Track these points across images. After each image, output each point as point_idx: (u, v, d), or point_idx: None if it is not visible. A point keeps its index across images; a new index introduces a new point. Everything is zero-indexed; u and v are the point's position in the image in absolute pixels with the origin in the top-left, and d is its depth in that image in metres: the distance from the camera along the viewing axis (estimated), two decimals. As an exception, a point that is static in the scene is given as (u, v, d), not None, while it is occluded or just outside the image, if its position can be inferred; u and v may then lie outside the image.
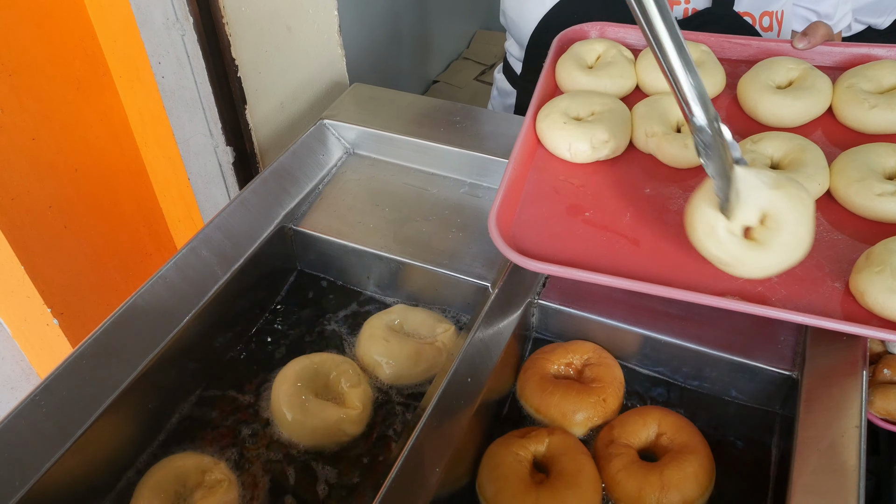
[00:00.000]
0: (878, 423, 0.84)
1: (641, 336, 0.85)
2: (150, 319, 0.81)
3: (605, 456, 0.77)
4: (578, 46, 0.97)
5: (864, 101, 0.86)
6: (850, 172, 0.78)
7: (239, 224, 0.93)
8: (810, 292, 0.70)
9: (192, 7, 0.93)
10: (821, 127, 0.89)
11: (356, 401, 0.81)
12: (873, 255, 0.69)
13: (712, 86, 0.93)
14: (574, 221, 0.78)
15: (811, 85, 0.88)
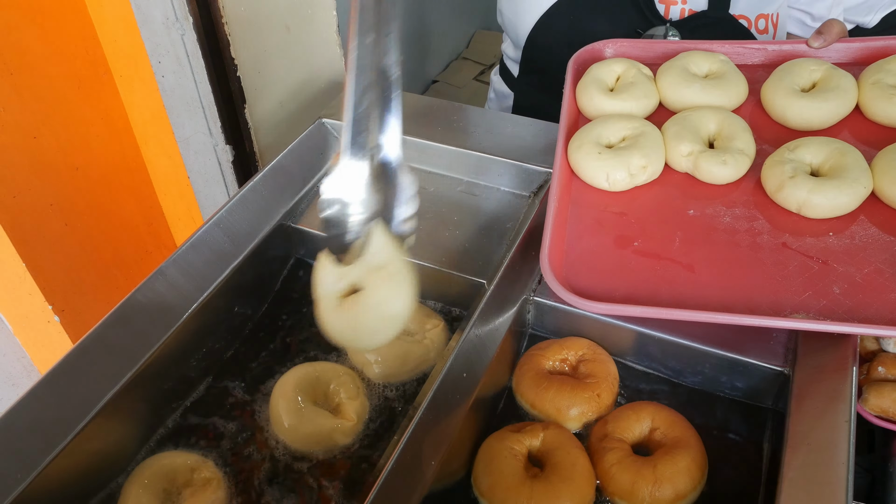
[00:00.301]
0: (873, 421, 0.85)
1: (635, 333, 0.86)
2: (149, 315, 0.82)
3: (599, 450, 0.78)
4: (596, 69, 0.97)
5: (892, 95, 0.87)
6: (895, 172, 0.78)
7: (239, 221, 0.94)
8: (875, 300, 0.70)
9: (191, 7, 0.94)
10: (848, 126, 0.90)
11: (352, 413, 0.82)
12: None
13: (736, 95, 0.94)
14: (624, 253, 0.78)
15: (837, 85, 0.89)
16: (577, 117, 0.96)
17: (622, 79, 0.96)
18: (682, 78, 0.93)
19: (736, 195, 0.83)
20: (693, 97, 0.92)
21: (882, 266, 0.72)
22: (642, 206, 0.83)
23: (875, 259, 0.73)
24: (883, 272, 0.72)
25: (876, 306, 0.69)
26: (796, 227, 0.78)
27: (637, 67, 0.97)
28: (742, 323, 0.67)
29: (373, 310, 0.69)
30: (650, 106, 0.94)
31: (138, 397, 0.80)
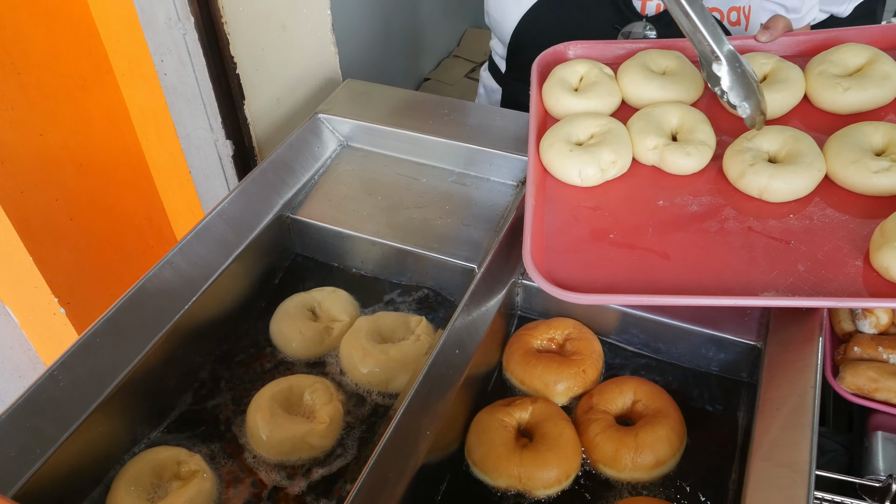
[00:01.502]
0: (849, 398, 0.88)
1: (619, 312, 0.91)
2: (157, 302, 0.87)
3: (585, 421, 0.83)
4: (561, 70, 1.02)
5: (837, 84, 0.93)
6: (845, 155, 0.84)
7: (240, 212, 0.99)
8: (837, 275, 0.75)
9: (192, 7, 0.98)
10: (798, 115, 0.95)
11: (325, 416, 0.84)
12: (887, 230, 0.74)
13: (694, 89, 0.98)
14: (601, 245, 0.83)
15: (786, 77, 0.95)
16: (544, 117, 1.00)
17: (585, 79, 1.01)
18: (642, 75, 0.98)
19: (701, 184, 0.88)
20: (654, 93, 0.97)
21: (840, 243, 0.77)
22: (614, 200, 0.88)
23: (833, 237, 0.78)
24: (841, 248, 0.77)
25: (838, 280, 0.74)
26: (759, 212, 0.83)
27: (599, 67, 1.01)
28: (716, 304, 0.72)
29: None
30: (614, 104, 0.99)
31: (143, 386, 0.83)
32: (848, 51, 0.96)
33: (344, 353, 0.92)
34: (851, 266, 0.75)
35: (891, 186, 0.80)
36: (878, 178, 0.81)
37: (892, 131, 0.84)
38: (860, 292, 0.72)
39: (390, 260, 1.01)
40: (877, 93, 0.91)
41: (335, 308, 0.97)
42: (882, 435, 0.84)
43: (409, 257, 0.99)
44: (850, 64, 0.96)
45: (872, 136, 0.85)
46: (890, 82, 0.92)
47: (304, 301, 0.98)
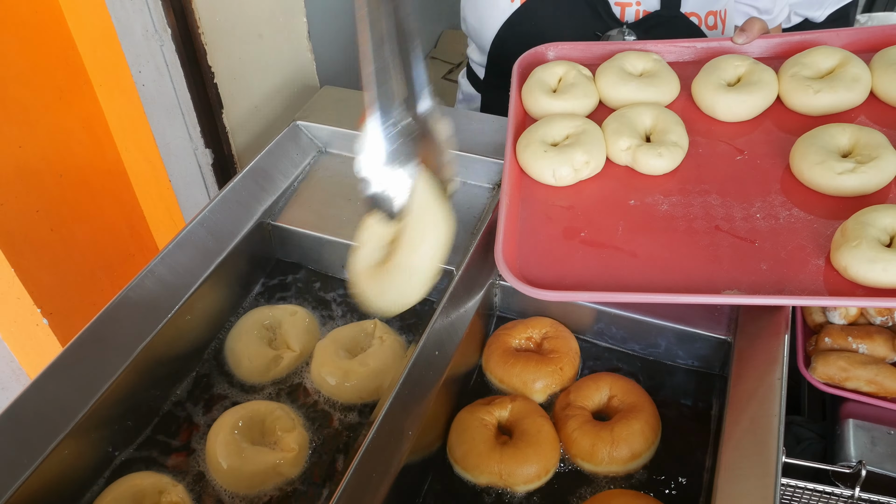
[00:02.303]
0: (821, 388, 0.91)
1: (594, 311, 0.93)
2: (139, 312, 0.88)
3: (563, 418, 0.85)
4: (540, 71, 1.04)
5: (808, 87, 0.95)
6: (811, 156, 0.86)
7: (220, 221, 1.00)
8: (798, 274, 0.77)
9: (169, 19, 0.99)
10: (771, 116, 0.98)
11: (292, 443, 0.82)
12: (847, 230, 0.76)
13: (669, 91, 1.01)
14: (572, 244, 0.85)
15: (759, 79, 0.97)
16: (523, 118, 1.02)
17: (564, 80, 1.03)
18: (619, 77, 1.00)
19: (672, 184, 0.90)
20: (630, 95, 1.00)
21: (804, 242, 0.80)
22: (587, 199, 0.90)
23: (798, 236, 0.81)
24: (805, 248, 0.79)
25: (799, 279, 0.76)
26: (727, 213, 0.86)
27: (577, 69, 1.04)
28: (681, 301, 0.75)
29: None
30: (591, 105, 1.01)
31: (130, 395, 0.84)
32: (820, 53, 0.98)
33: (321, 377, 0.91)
34: (813, 265, 0.77)
35: (854, 187, 0.83)
36: (843, 179, 0.83)
37: (858, 133, 0.87)
38: (820, 290, 0.75)
39: (370, 264, 1.03)
40: (846, 95, 0.94)
41: (291, 334, 0.95)
42: (853, 422, 0.86)
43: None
44: (821, 66, 0.98)
45: (839, 138, 0.87)
46: (860, 85, 0.94)
47: (263, 318, 0.97)
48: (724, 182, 0.90)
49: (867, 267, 0.73)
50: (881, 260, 0.73)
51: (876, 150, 0.84)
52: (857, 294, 0.75)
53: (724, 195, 0.88)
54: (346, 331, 0.95)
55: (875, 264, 0.73)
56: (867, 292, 0.74)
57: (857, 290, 0.75)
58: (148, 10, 0.98)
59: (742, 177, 0.90)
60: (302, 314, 0.97)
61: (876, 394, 0.86)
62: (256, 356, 0.92)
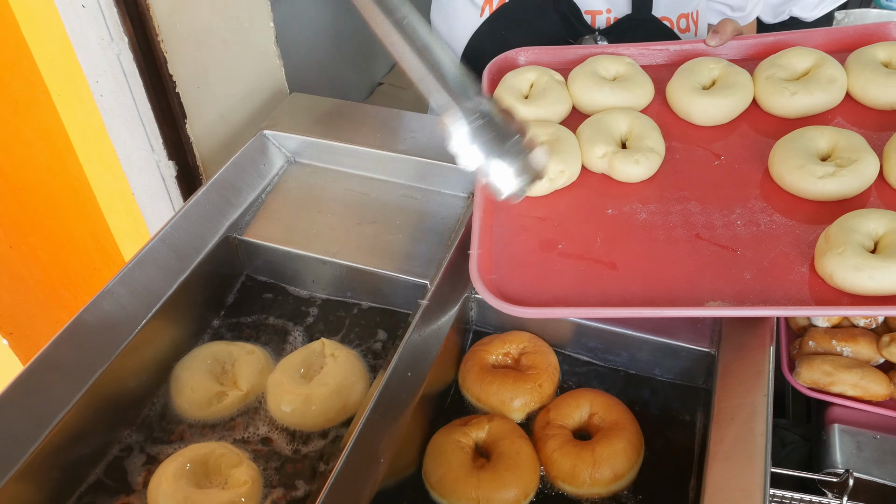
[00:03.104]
0: (805, 392, 0.89)
1: (574, 324, 0.90)
2: (97, 335, 0.84)
3: (542, 437, 0.82)
4: (511, 77, 1.00)
5: (784, 89, 0.93)
6: (790, 160, 0.84)
7: (184, 236, 0.96)
8: (782, 282, 0.75)
9: (126, 27, 0.95)
10: (747, 118, 0.96)
11: (242, 477, 0.79)
12: (831, 236, 0.74)
13: (644, 95, 0.98)
14: (549, 257, 0.82)
15: (734, 82, 0.95)
16: None
17: (535, 86, 1.00)
18: (592, 82, 0.98)
19: (650, 192, 0.88)
20: (604, 100, 0.97)
21: (786, 249, 0.78)
22: (564, 210, 0.87)
23: (780, 243, 0.79)
24: (787, 255, 0.77)
25: (784, 287, 0.74)
26: (707, 220, 0.83)
27: (549, 74, 1.01)
28: (662, 315, 0.72)
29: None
30: (564, 111, 0.98)
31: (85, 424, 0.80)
32: (795, 55, 0.96)
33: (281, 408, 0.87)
34: (797, 273, 0.75)
35: (836, 192, 0.81)
36: (823, 183, 0.81)
37: (836, 136, 0.85)
38: (805, 299, 0.73)
39: (342, 278, 0.99)
40: (823, 97, 0.92)
41: (243, 373, 0.89)
42: (839, 427, 0.85)
43: (360, 275, 0.97)
44: (797, 68, 0.96)
45: (818, 141, 0.85)
46: (835, 86, 0.92)
47: (218, 353, 0.92)
48: (703, 188, 0.88)
49: (853, 274, 0.71)
50: (867, 267, 0.71)
51: (855, 153, 0.82)
52: (844, 302, 0.73)
53: (704, 202, 0.86)
54: (295, 357, 0.91)
55: (861, 271, 0.71)
56: (853, 300, 0.72)
57: (844, 298, 0.73)
58: (103, 17, 0.93)
59: (721, 182, 0.88)
60: (259, 355, 0.92)
61: (861, 398, 0.85)
62: (199, 388, 0.87)
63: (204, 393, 0.86)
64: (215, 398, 0.86)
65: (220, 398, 0.87)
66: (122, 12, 0.94)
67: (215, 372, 0.90)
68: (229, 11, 1.12)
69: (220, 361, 0.91)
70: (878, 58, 0.95)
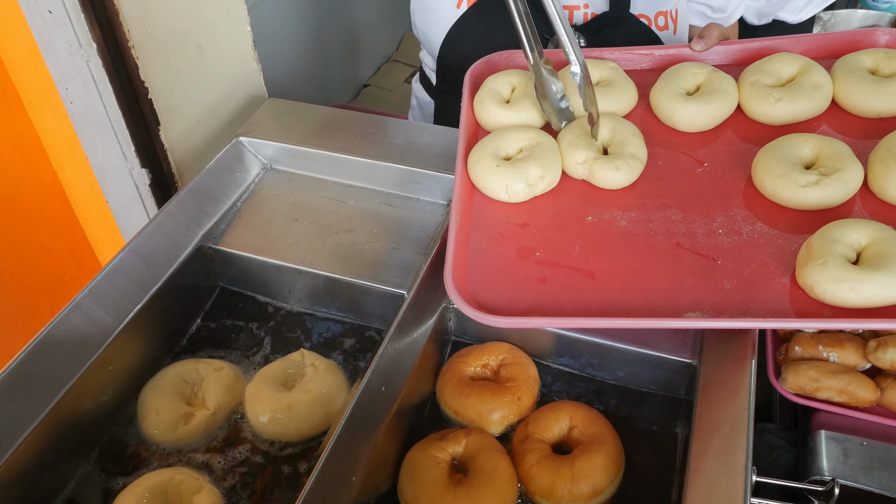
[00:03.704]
0: (791, 399, 0.88)
1: (554, 335, 0.89)
2: (66, 349, 0.81)
3: (521, 452, 0.80)
4: (492, 81, 0.98)
5: (769, 95, 0.91)
6: (773, 168, 0.82)
7: (156, 247, 0.94)
8: (763, 293, 0.73)
9: (94, 33, 0.93)
10: (732, 125, 0.94)
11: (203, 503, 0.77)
12: (813, 246, 0.73)
13: (627, 101, 0.96)
14: (527, 264, 0.79)
15: (718, 87, 0.93)
16: (475, 130, 0.97)
17: (517, 90, 0.98)
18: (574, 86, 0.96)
19: (631, 199, 0.86)
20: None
21: (767, 259, 0.76)
22: (543, 216, 0.85)
23: (761, 253, 0.77)
24: (769, 265, 0.75)
25: (764, 298, 0.72)
26: (688, 228, 0.81)
27: (530, 78, 0.99)
28: (638, 326, 0.70)
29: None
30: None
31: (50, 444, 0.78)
32: (780, 61, 0.95)
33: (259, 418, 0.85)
34: (778, 283, 0.73)
35: (819, 201, 0.79)
36: (806, 192, 0.79)
37: (821, 143, 0.83)
38: (786, 311, 0.71)
39: (318, 289, 0.97)
40: (808, 104, 0.90)
41: (211, 391, 0.86)
42: (825, 434, 0.83)
43: (337, 285, 0.95)
44: (782, 74, 0.94)
45: (802, 149, 0.84)
46: (821, 93, 0.90)
47: (185, 372, 0.89)
48: (685, 196, 0.86)
49: (834, 286, 0.70)
50: (848, 279, 0.69)
51: (839, 161, 0.80)
52: (825, 314, 0.71)
53: (686, 210, 0.84)
54: (275, 367, 0.89)
55: (842, 283, 0.69)
56: (834, 312, 0.71)
57: (825, 310, 0.71)
58: (70, 23, 0.91)
59: (703, 190, 0.86)
60: (227, 371, 0.89)
61: (847, 403, 0.83)
62: (165, 410, 0.84)
63: (170, 415, 0.84)
64: (182, 420, 0.84)
65: (186, 419, 0.84)
66: (89, 18, 0.91)
67: (183, 392, 0.87)
68: (205, 16, 1.10)
69: (188, 381, 0.88)
70: (864, 65, 0.93)
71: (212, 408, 0.85)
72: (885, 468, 0.79)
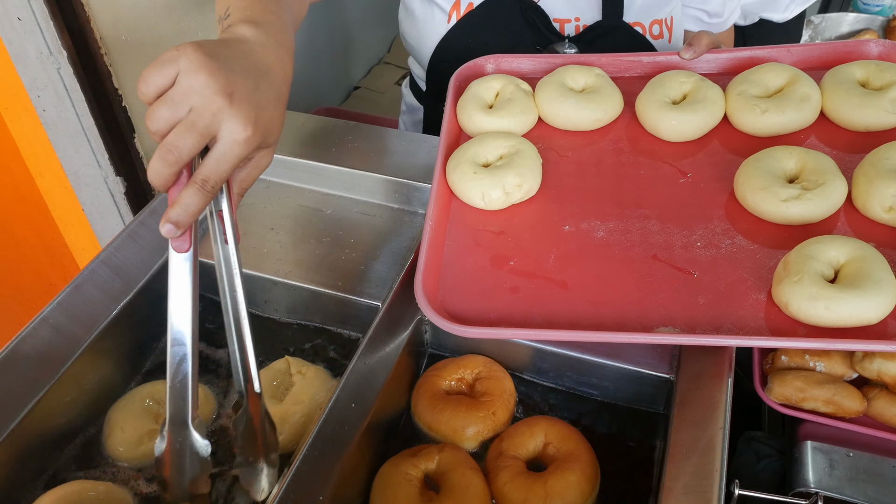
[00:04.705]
0: (777, 409, 0.87)
1: (531, 348, 0.87)
2: (33, 363, 0.80)
3: (494, 469, 0.78)
4: (476, 86, 0.97)
5: (755, 106, 0.89)
6: (755, 181, 0.80)
7: (128, 257, 0.92)
8: (737, 309, 0.71)
9: (64, 40, 0.91)
10: (718, 135, 0.92)
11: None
12: (789, 264, 0.71)
13: (611, 108, 0.95)
14: (500, 273, 0.78)
15: (704, 97, 0.92)
16: (457, 135, 0.96)
17: (500, 95, 0.97)
18: (558, 93, 0.94)
19: (610, 208, 0.84)
20: (568, 112, 0.94)
21: (745, 275, 0.75)
22: (520, 225, 0.84)
23: (739, 268, 0.75)
24: (745, 280, 0.74)
25: (738, 315, 0.71)
26: (666, 240, 0.80)
27: (515, 83, 0.97)
28: (607, 340, 0.69)
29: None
30: (529, 122, 0.95)
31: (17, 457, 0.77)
32: (769, 71, 0.93)
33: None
34: (753, 300, 0.72)
35: (800, 215, 0.77)
36: (787, 206, 0.78)
37: (805, 157, 0.81)
38: (760, 328, 0.70)
39: (295, 300, 0.96)
40: (795, 116, 0.88)
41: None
42: (811, 445, 0.82)
43: (312, 297, 0.94)
44: (770, 85, 0.93)
45: (785, 162, 0.82)
46: (809, 104, 0.88)
47: (155, 392, 0.87)
48: (666, 206, 0.85)
49: (808, 304, 0.68)
50: (823, 297, 0.68)
51: (823, 176, 0.79)
52: (799, 333, 0.69)
53: (665, 221, 0.83)
54: (265, 377, 0.88)
55: (817, 301, 0.68)
56: (809, 331, 0.69)
57: (799, 328, 0.70)
58: (40, 31, 0.90)
59: (684, 201, 0.85)
60: (200, 391, 0.87)
61: (834, 414, 0.82)
62: (130, 427, 0.82)
63: (134, 431, 0.82)
64: (146, 436, 0.82)
65: (151, 436, 0.82)
66: (59, 25, 0.90)
67: (151, 411, 0.85)
68: (181, 23, 1.09)
69: (158, 400, 0.86)
70: (854, 77, 0.91)
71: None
72: (870, 480, 0.78)
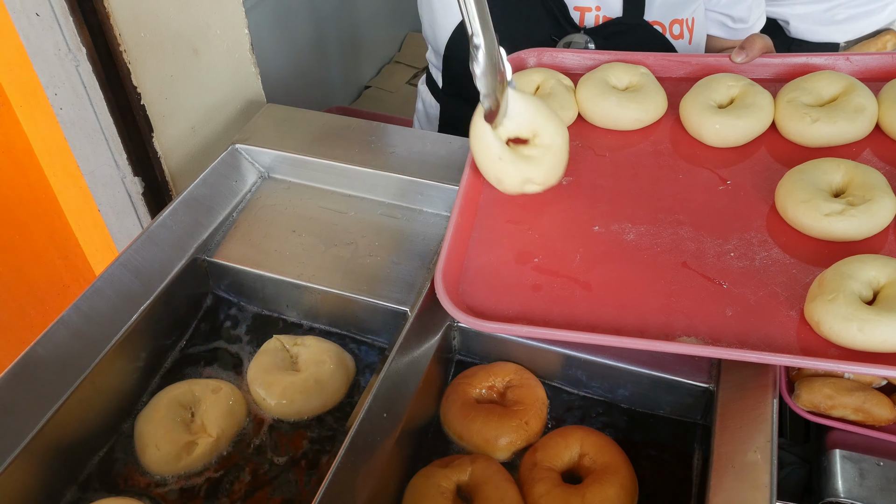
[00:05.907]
0: (805, 416, 0.85)
1: (562, 355, 0.85)
2: (51, 368, 0.78)
3: (529, 480, 0.76)
4: (517, 79, 0.95)
5: (805, 115, 0.86)
6: (797, 193, 0.77)
7: (148, 260, 0.90)
8: (766, 324, 0.68)
9: (83, 37, 0.89)
10: (765, 143, 0.89)
11: None
12: (825, 281, 0.68)
13: (654, 108, 0.92)
14: (523, 270, 0.76)
15: (752, 102, 0.88)
16: None
17: (541, 89, 0.95)
18: (599, 90, 0.92)
19: (642, 211, 0.82)
20: (608, 110, 0.91)
21: (777, 289, 0.71)
22: (549, 222, 0.81)
23: (772, 282, 0.72)
24: (777, 295, 0.71)
25: (766, 330, 0.67)
26: (699, 248, 0.77)
27: (557, 78, 0.95)
28: (627, 346, 0.66)
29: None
30: (568, 117, 0.93)
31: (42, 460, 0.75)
32: (823, 79, 0.89)
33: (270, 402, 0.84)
34: (784, 316, 0.69)
35: (842, 232, 0.74)
36: (829, 221, 0.74)
37: (853, 171, 0.77)
38: (788, 346, 0.66)
39: (317, 304, 0.93)
40: (847, 127, 0.84)
41: (210, 416, 0.81)
42: (840, 453, 0.80)
43: (337, 301, 0.91)
44: (823, 93, 0.89)
45: (832, 175, 0.78)
46: (863, 116, 0.84)
47: (180, 396, 0.84)
48: (701, 213, 0.82)
49: (841, 325, 0.65)
50: (857, 319, 0.64)
51: (870, 192, 0.75)
52: (829, 355, 0.66)
53: (699, 228, 0.80)
54: (262, 359, 0.88)
55: (850, 323, 0.64)
56: (841, 354, 0.66)
57: (830, 349, 0.66)
58: (59, 27, 0.87)
59: (721, 209, 0.82)
60: (226, 391, 0.84)
61: (863, 422, 0.80)
62: (165, 442, 0.79)
63: (171, 448, 0.79)
64: (184, 451, 0.79)
65: (189, 450, 0.79)
66: (78, 21, 0.87)
67: (182, 419, 0.82)
68: (200, 19, 1.06)
69: (185, 405, 0.84)
70: None
71: (214, 434, 0.81)
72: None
